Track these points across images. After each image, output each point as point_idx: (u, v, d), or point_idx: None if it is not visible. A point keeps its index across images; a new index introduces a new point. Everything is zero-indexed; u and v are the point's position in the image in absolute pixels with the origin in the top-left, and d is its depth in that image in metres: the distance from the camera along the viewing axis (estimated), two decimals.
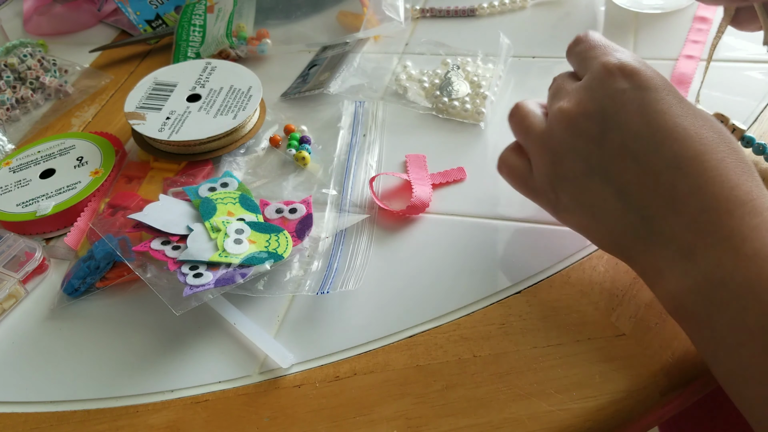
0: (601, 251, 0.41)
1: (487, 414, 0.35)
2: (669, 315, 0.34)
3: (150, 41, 0.69)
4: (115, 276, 0.45)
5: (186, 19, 0.66)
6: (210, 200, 0.46)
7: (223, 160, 0.53)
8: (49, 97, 0.65)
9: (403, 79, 0.57)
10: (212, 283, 0.41)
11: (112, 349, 0.42)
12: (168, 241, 0.44)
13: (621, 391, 0.35)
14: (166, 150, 0.53)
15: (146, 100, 0.55)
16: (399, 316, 0.40)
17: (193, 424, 0.37)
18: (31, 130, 0.62)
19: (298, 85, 0.59)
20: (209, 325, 0.42)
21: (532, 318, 0.39)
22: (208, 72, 0.57)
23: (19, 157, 0.55)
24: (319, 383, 0.38)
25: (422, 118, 0.54)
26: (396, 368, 0.38)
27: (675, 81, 0.52)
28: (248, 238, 0.44)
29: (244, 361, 0.40)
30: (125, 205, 0.49)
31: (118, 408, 0.39)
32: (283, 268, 0.44)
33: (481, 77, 0.54)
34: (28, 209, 0.50)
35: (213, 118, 0.53)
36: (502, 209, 0.46)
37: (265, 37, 0.64)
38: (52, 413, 0.39)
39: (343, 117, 0.55)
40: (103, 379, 0.41)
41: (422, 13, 0.65)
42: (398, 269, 0.43)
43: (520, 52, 0.58)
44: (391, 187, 0.49)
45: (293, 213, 0.46)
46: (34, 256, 0.47)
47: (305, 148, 0.52)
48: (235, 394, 0.38)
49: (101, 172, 0.52)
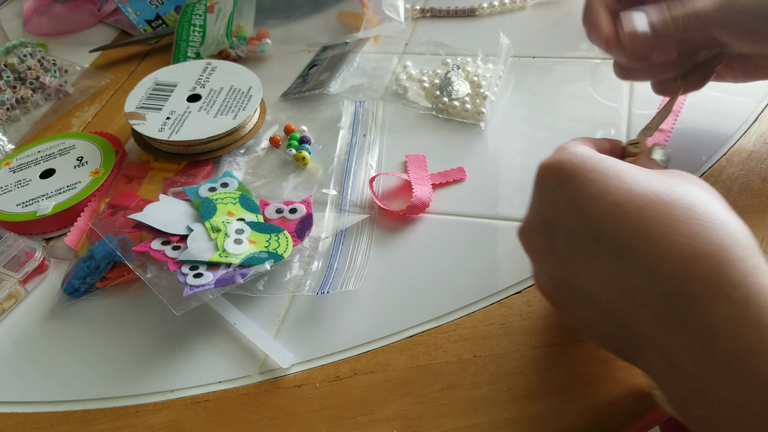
0: None
1: (487, 414, 0.35)
2: None
3: (150, 41, 0.69)
4: (115, 276, 0.45)
5: (186, 19, 0.66)
6: (210, 200, 0.46)
7: (223, 160, 0.53)
8: (49, 97, 0.65)
9: (403, 79, 0.57)
10: (212, 284, 0.41)
11: (112, 349, 0.42)
12: (168, 241, 0.44)
13: (621, 391, 0.35)
14: (166, 150, 0.53)
15: (146, 100, 0.55)
16: (399, 316, 0.41)
17: (193, 424, 0.37)
18: (31, 130, 0.62)
19: (298, 85, 0.59)
20: (209, 325, 0.42)
21: (532, 318, 0.39)
22: (208, 72, 0.57)
23: (19, 157, 0.55)
24: (320, 383, 0.38)
25: (422, 118, 0.54)
26: (396, 368, 0.38)
27: None
28: (248, 238, 0.44)
29: (244, 361, 0.40)
30: (125, 205, 0.49)
31: (118, 408, 0.39)
32: (283, 268, 0.44)
33: (481, 77, 0.54)
34: (28, 209, 0.50)
35: (213, 118, 0.53)
36: (502, 209, 0.46)
37: (265, 37, 0.64)
38: (52, 413, 0.39)
39: (343, 117, 0.55)
40: (103, 379, 0.41)
41: (422, 13, 0.65)
42: (398, 269, 0.43)
43: (520, 52, 0.58)
44: (391, 187, 0.49)
45: (293, 213, 0.46)
46: (34, 256, 0.47)
47: (305, 148, 0.52)
48: (236, 394, 0.38)
49: (101, 172, 0.52)
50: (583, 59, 0.56)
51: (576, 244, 0.30)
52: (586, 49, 0.57)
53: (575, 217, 0.30)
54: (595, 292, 0.30)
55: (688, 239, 0.26)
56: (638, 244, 0.27)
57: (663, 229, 0.27)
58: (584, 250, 0.29)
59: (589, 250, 0.29)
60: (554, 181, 0.31)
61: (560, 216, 0.30)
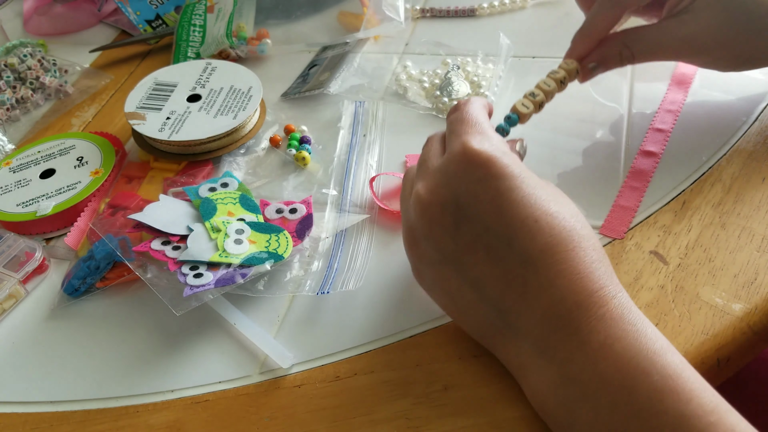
0: None
1: (487, 414, 0.35)
2: (668, 315, 0.34)
3: (150, 41, 0.69)
4: (116, 276, 0.45)
5: (186, 19, 0.66)
6: (210, 200, 0.46)
7: (223, 160, 0.53)
8: (49, 97, 0.65)
9: (403, 79, 0.57)
10: (212, 284, 0.41)
11: (112, 349, 0.42)
12: (168, 241, 0.44)
13: None
14: (167, 150, 0.53)
15: (146, 100, 0.55)
16: (399, 316, 0.41)
17: (193, 424, 0.37)
18: (31, 130, 0.62)
19: (298, 85, 0.59)
20: (209, 326, 0.42)
21: None
22: (208, 72, 0.57)
23: (19, 157, 0.55)
24: (320, 383, 0.38)
25: (422, 118, 0.54)
26: (396, 368, 0.38)
27: (676, 81, 0.52)
28: (248, 239, 0.44)
29: (244, 361, 0.40)
30: (125, 205, 0.49)
31: (118, 408, 0.39)
32: (284, 268, 0.44)
33: (481, 77, 0.54)
34: (28, 209, 0.50)
35: (213, 118, 0.53)
36: None
37: (265, 37, 0.64)
38: (52, 413, 0.39)
39: (343, 117, 0.55)
40: (104, 379, 0.41)
41: (422, 13, 0.65)
42: (398, 269, 0.43)
43: (520, 52, 0.58)
44: (391, 187, 0.49)
45: (293, 213, 0.46)
46: (34, 256, 0.47)
47: (305, 148, 0.52)
48: (236, 394, 0.38)
49: (101, 172, 0.52)
50: None
51: (485, 239, 0.33)
52: None
53: (495, 217, 0.32)
54: (487, 283, 0.33)
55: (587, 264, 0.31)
56: (545, 259, 0.31)
57: (569, 253, 0.31)
58: (492, 246, 0.32)
59: (499, 250, 0.32)
60: (481, 173, 0.33)
61: (477, 208, 0.33)
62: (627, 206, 0.44)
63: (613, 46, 0.45)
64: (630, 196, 0.44)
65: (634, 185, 0.45)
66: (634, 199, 0.44)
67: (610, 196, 0.45)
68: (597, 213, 0.44)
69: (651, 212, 0.43)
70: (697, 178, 0.45)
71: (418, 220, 0.35)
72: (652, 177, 0.45)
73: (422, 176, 0.36)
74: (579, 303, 0.31)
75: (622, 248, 0.41)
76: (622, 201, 0.44)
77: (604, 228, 0.43)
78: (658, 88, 0.52)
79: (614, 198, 0.45)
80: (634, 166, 0.46)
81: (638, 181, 0.45)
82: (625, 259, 0.41)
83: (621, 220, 0.43)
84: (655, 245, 0.41)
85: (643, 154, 0.47)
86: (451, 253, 0.34)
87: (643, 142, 0.48)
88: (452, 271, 0.34)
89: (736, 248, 0.40)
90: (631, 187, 0.45)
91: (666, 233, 0.42)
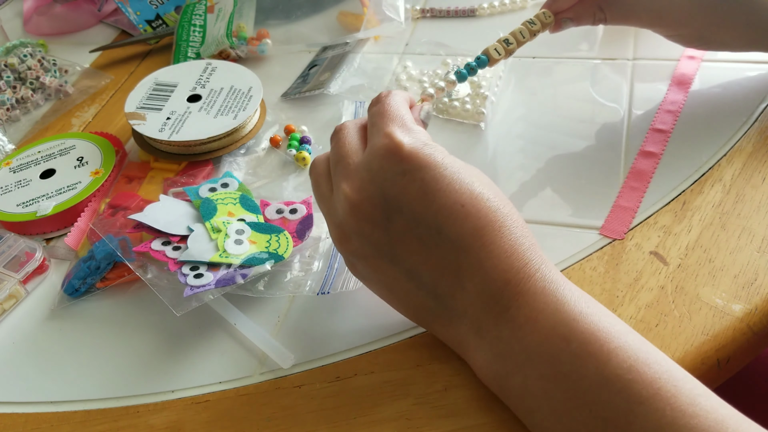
0: (602, 251, 0.41)
1: (487, 414, 0.35)
2: (668, 315, 0.34)
3: (150, 41, 0.69)
4: (116, 276, 0.45)
5: (186, 19, 0.66)
6: (210, 201, 0.46)
7: (223, 160, 0.53)
8: (49, 97, 0.65)
9: (403, 79, 0.57)
10: (213, 284, 0.41)
11: (112, 349, 0.42)
12: (168, 241, 0.44)
13: None
14: (167, 150, 0.53)
15: (146, 101, 0.55)
16: (400, 316, 0.40)
17: (193, 424, 0.37)
18: (31, 130, 0.62)
19: (299, 86, 0.59)
20: (210, 326, 0.42)
21: None
22: (208, 72, 0.57)
23: (19, 158, 0.55)
24: (320, 384, 0.38)
25: None
26: (396, 368, 0.38)
27: (676, 81, 0.52)
28: (249, 239, 0.44)
29: (244, 362, 0.40)
30: (125, 205, 0.49)
31: (118, 408, 0.39)
32: (284, 268, 0.44)
33: (482, 77, 0.54)
34: (28, 209, 0.50)
35: (213, 119, 0.53)
36: None
37: (266, 37, 0.64)
38: (52, 413, 0.39)
39: (343, 117, 0.55)
40: (104, 379, 0.41)
41: (422, 13, 0.65)
42: None
43: (520, 52, 0.58)
44: None
45: (294, 213, 0.46)
46: (34, 257, 0.47)
47: (305, 149, 0.52)
48: (236, 395, 0.38)
49: (101, 172, 0.52)
50: (583, 59, 0.56)
51: (416, 230, 0.33)
52: (586, 49, 0.57)
53: (423, 207, 0.33)
54: (422, 271, 0.34)
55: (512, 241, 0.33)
56: (475, 242, 0.32)
57: (493, 232, 0.32)
58: (424, 236, 0.33)
59: (430, 239, 0.33)
60: (405, 166, 0.33)
61: (405, 200, 0.33)
62: (627, 207, 0.44)
63: (589, 6, 0.49)
64: (630, 197, 0.44)
65: (634, 185, 0.45)
66: (634, 199, 0.44)
67: (610, 197, 0.45)
68: (597, 213, 0.44)
69: (651, 213, 0.43)
70: (697, 179, 0.45)
71: (348, 218, 0.35)
72: (652, 177, 0.45)
73: (345, 174, 0.36)
74: (507, 281, 0.32)
75: (622, 249, 0.41)
76: (622, 201, 0.44)
77: (604, 228, 0.43)
78: (658, 89, 0.52)
79: (614, 198, 0.45)
80: (634, 167, 0.46)
81: (638, 182, 0.45)
82: (625, 259, 0.41)
83: (621, 221, 0.43)
84: (655, 246, 0.41)
85: (643, 154, 0.47)
86: (385, 246, 0.34)
87: (643, 143, 0.48)
88: (387, 263, 0.35)
89: (736, 249, 0.40)
90: (631, 187, 0.45)
91: (666, 234, 0.42)
